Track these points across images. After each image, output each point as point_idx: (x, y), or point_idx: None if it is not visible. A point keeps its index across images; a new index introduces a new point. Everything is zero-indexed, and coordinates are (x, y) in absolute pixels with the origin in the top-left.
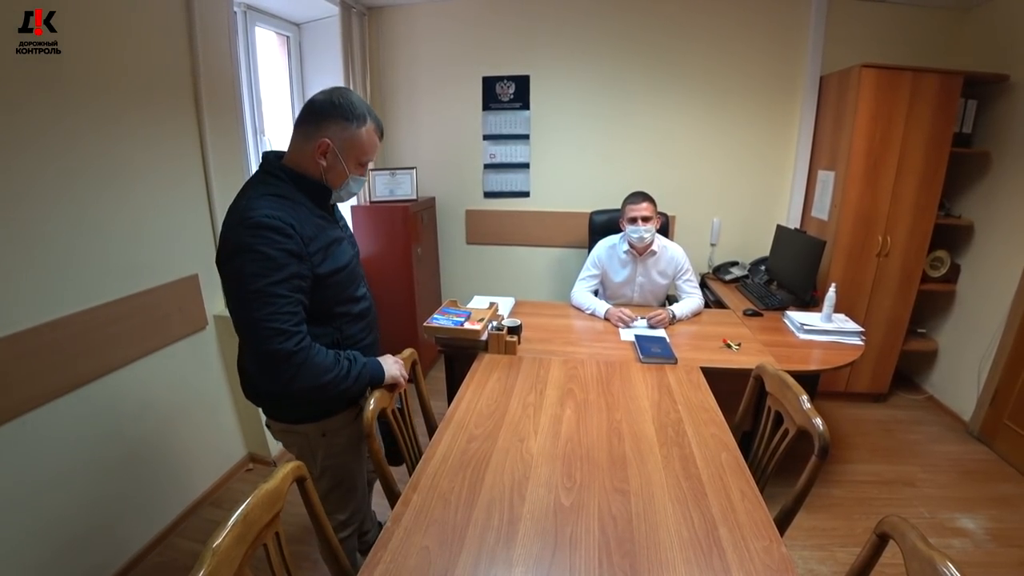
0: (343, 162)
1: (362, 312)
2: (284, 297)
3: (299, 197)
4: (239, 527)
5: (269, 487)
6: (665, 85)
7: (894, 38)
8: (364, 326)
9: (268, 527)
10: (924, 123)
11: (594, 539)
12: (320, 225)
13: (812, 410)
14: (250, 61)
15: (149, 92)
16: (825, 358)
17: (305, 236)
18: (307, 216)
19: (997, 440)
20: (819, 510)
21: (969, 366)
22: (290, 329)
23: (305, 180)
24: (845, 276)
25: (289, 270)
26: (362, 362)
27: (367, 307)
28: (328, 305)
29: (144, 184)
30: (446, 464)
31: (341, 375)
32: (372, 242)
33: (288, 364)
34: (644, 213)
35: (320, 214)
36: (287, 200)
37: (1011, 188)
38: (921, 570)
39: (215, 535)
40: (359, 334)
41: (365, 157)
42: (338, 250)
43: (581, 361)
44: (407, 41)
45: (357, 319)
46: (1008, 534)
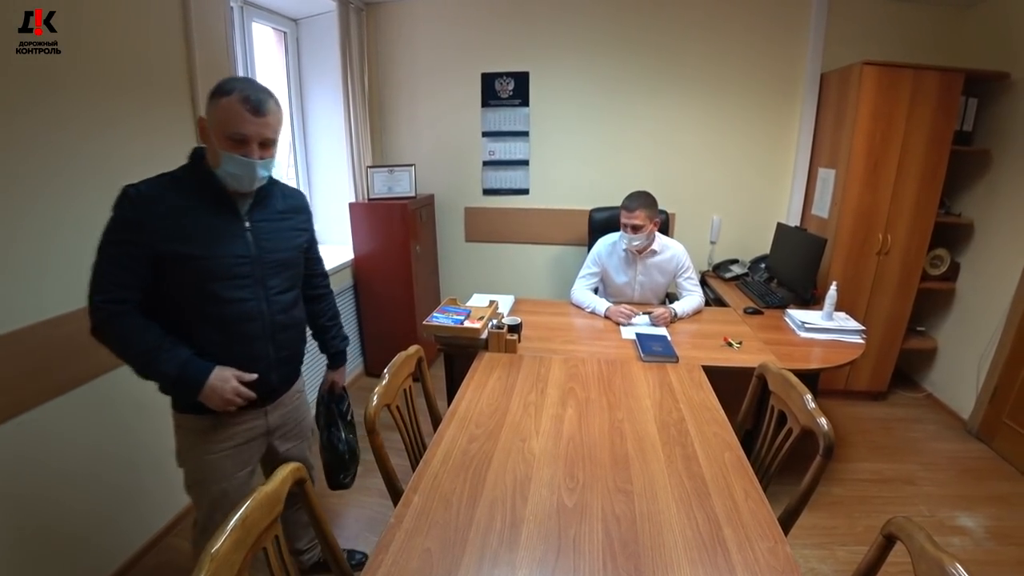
0: (213, 139)
1: (229, 319)
2: (112, 259)
3: (191, 179)
4: (238, 531)
5: (268, 490)
6: (666, 82)
7: (895, 36)
8: (229, 337)
9: (267, 531)
10: (925, 121)
11: (598, 540)
12: (205, 208)
13: (817, 410)
14: (247, 57)
15: (145, 88)
16: (826, 356)
17: (161, 211)
18: (187, 196)
19: (996, 438)
20: (819, 508)
21: (968, 364)
22: (106, 286)
23: (202, 164)
24: (845, 274)
25: (121, 235)
26: (182, 359)
27: (240, 315)
28: (185, 297)
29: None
30: (447, 464)
31: (142, 355)
32: (370, 240)
33: (93, 316)
34: (635, 222)
35: (216, 199)
36: (174, 179)
37: (1012, 187)
38: (929, 572)
39: (214, 540)
40: (223, 343)
41: (230, 129)
42: (215, 238)
43: (582, 360)
44: (406, 37)
45: (218, 325)
46: (1007, 532)
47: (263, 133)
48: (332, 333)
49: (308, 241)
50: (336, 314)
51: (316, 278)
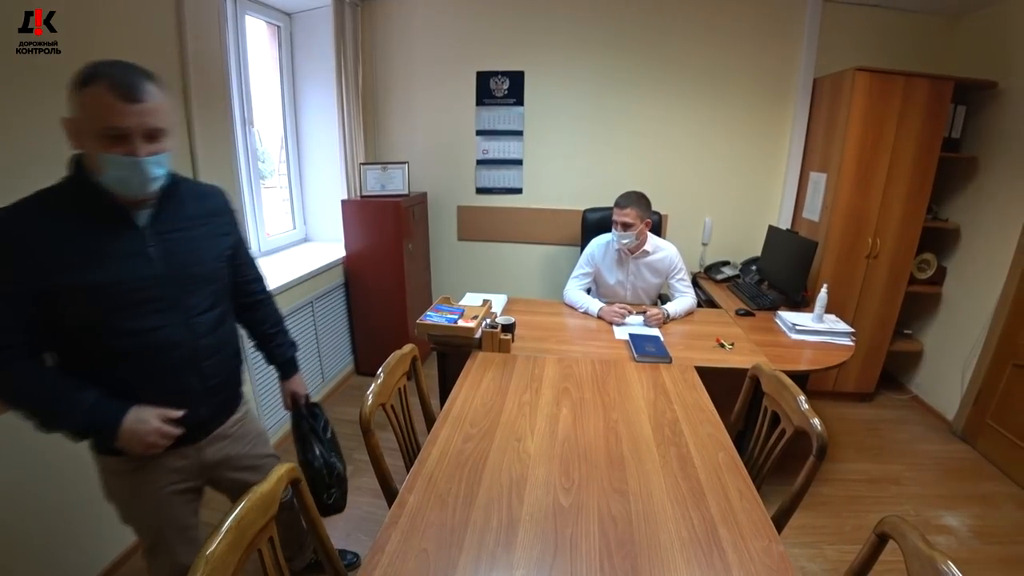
0: (86, 140)
1: (142, 352)
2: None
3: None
4: (232, 533)
5: (263, 490)
6: (660, 84)
7: (886, 43)
8: (144, 372)
9: (262, 532)
10: (915, 127)
11: (595, 541)
12: (92, 226)
13: (810, 411)
14: (240, 51)
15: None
16: (816, 358)
17: (34, 240)
18: (68, 215)
19: (980, 439)
20: (808, 508)
21: (953, 367)
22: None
23: (83, 173)
24: (835, 277)
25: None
26: (88, 403)
27: (154, 346)
28: (86, 333)
29: None
30: (442, 464)
31: (40, 404)
32: (362, 237)
33: None
34: (625, 219)
35: (105, 213)
36: (48, 197)
37: (997, 193)
38: (922, 570)
39: (208, 542)
40: (137, 380)
41: (104, 124)
42: (110, 261)
43: (576, 360)
44: (401, 34)
45: (130, 360)
46: (990, 531)
47: (145, 123)
48: (277, 341)
49: (233, 246)
50: (279, 319)
51: (251, 284)
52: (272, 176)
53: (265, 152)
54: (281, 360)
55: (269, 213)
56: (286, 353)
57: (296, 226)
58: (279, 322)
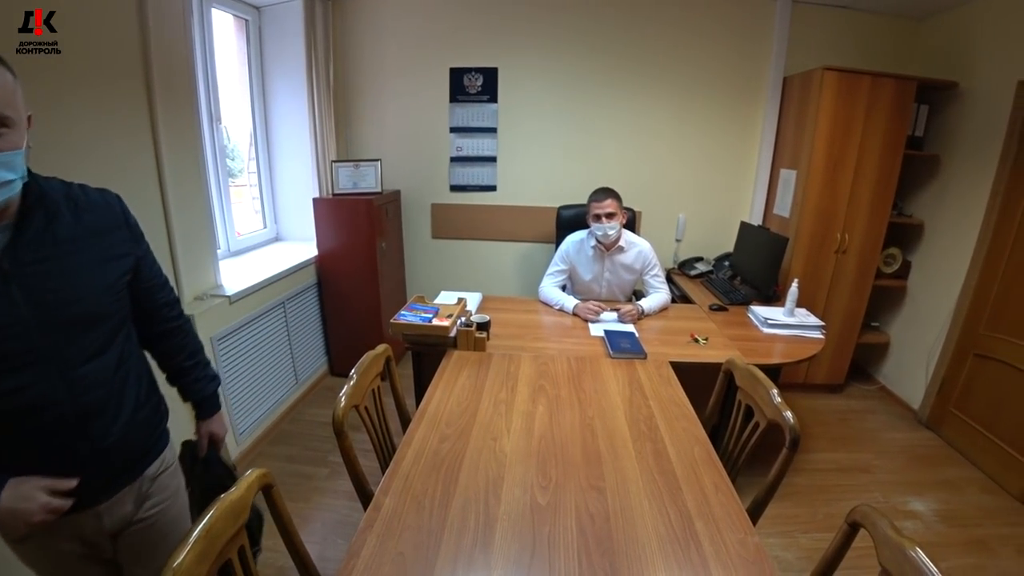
0: None
1: (3, 415)
2: None
3: None
4: (201, 543)
5: (232, 498)
6: (633, 82)
7: (853, 44)
8: (12, 440)
9: (233, 541)
10: (880, 125)
11: (572, 538)
12: None
13: (783, 404)
14: (206, 44)
15: (95, 75)
16: (788, 351)
17: None
18: None
19: (944, 427)
20: (782, 498)
21: (918, 358)
22: None
23: None
24: (805, 272)
25: None
26: None
27: (20, 410)
28: None
29: (86, 176)
30: (418, 465)
31: None
32: (335, 236)
33: None
34: (608, 210)
35: None
36: None
37: (959, 190)
38: (892, 556)
39: (175, 554)
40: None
41: None
42: None
43: (551, 357)
44: (373, 29)
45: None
46: (955, 515)
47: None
48: (195, 375)
49: (134, 268)
50: (198, 349)
51: (161, 310)
52: (242, 174)
53: (235, 149)
54: (199, 397)
55: (239, 212)
56: (205, 389)
57: (267, 225)
58: (198, 351)
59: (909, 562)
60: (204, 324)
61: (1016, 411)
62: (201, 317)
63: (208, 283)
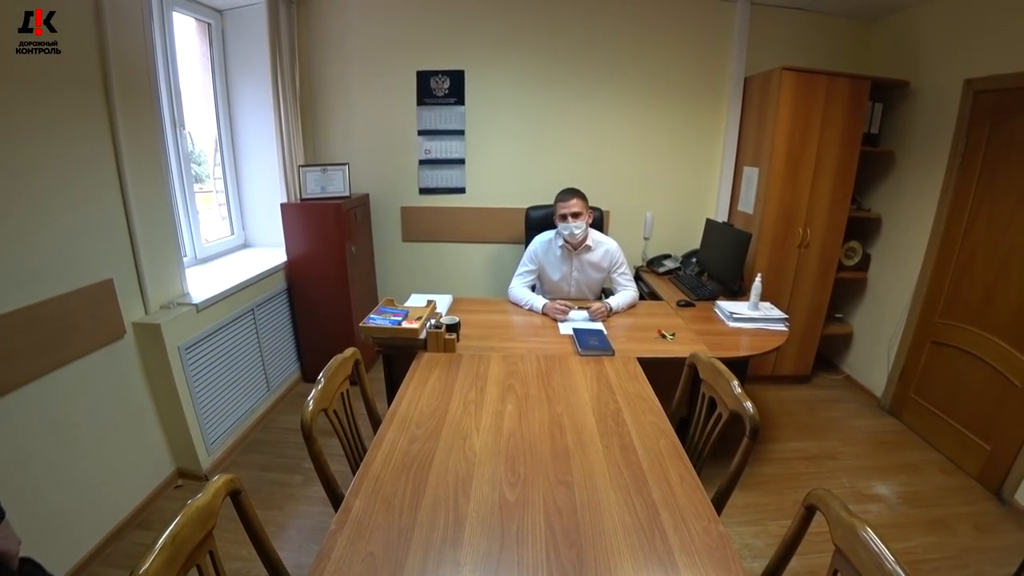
0: None
1: None
2: None
3: None
4: (168, 549)
5: (200, 503)
6: (599, 83)
7: (810, 44)
8: None
9: (201, 547)
10: (838, 123)
11: (540, 532)
12: None
13: (743, 394)
14: (167, 48)
15: (51, 79)
16: (753, 344)
17: None
18: None
19: (905, 412)
20: (751, 488)
21: (880, 347)
22: None
23: None
24: (769, 266)
25: None
26: None
27: None
28: None
29: (43, 181)
30: (388, 467)
31: None
32: (304, 241)
33: None
34: (573, 209)
35: None
36: None
37: (912, 184)
38: (844, 536)
39: (142, 560)
40: None
41: None
42: None
43: (521, 356)
44: (339, 32)
45: None
46: (916, 497)
47: None
48: None
49: None
50: None
51: None
52: (208, 180)
53: (201, 155)
54: None
55: (206, 219)
56: None
57: (234, 231)
58: None
59: (859, 541)
60: (171, 333)
61: (971, 394)
62: (168, 326)
63: (174, 291)
